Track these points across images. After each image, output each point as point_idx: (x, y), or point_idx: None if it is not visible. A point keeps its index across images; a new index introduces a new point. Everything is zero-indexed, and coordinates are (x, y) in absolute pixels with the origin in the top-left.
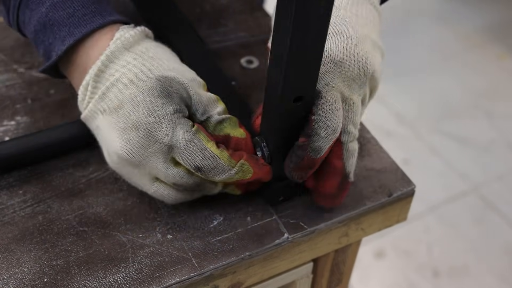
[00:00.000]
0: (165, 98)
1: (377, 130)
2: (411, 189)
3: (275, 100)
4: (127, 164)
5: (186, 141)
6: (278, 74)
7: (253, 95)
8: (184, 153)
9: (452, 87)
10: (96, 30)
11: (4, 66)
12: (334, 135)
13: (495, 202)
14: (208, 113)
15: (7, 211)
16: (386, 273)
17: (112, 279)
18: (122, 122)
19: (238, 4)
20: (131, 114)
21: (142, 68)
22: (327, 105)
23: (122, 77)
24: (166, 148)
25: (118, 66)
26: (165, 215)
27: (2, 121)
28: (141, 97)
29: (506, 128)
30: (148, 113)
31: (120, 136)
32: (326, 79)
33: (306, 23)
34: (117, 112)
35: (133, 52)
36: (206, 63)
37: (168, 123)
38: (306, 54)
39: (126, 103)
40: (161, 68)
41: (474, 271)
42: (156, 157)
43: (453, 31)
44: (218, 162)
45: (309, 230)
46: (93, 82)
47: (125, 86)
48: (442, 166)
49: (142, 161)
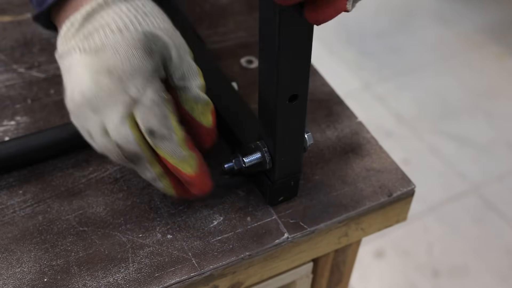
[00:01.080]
0: (147, 54)
1: (377, 130)
2: (411, 189)
3: (270, 101)
4: (87, 107)
5: (152, 102)
6: (270, 74)
7: (253, 95)
8: (145, 111)
9: (452, 87)
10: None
11: (4, 66)
12: None
13: (495, 202)
14: (186, 82)
15: (7, 211)
16: (386, 273)
17: (112, 279)
18: (98, 65)
19: (238, 4)
20: (110, 59)
21: (133, 20)
22: None
23: (111, 23)
24: (130, 101)
25: (111, 11)
26: (165, 215)
27: (2, 121)
28: (125, 46)
29: (506, 128)
30: (126, 62)
31: (91, 77)
32: None
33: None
34: (97, 54)
35: (130, 3)
36: (206, 63)
37: (142, 78)
38: (296, 51)
39: (108, 48)
40: (151, 25)
41: (474, 271)
42: (117, 107)
43: (453, 31)
44: (172, 135)
45: (309, 230)
46: (81, 20)
47: (112, 32)
48: (442, 166)
49: (102, 107)
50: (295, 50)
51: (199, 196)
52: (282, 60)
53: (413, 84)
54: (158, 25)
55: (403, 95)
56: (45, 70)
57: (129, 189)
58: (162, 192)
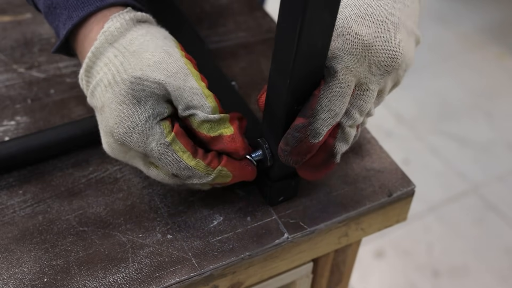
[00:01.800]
0: (136, 105)
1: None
2: (411, 189)
3: (278, 106)
4: (117, 156)
5: (159, 154)
6: (282, 83)
7: (253, 95)
8: (159, 162)
9: (452, 87)
10: (93, 14)
11: (4, 66)
12: (334, 120)
13: (495, 202)
14: (192, 110)
15: (7, 211)
16: (386, 273)
17: (112, 279)
18: (104, 125)
19: (238, 4)
20: (109, 120)
21: (119, 68)
22: (338, 88)
23: (103, 77)
24: (142, 155)
25: (102, 63)
26: (165, 215)
27: (2, 121)
28: (115, 104)
29: (506, 128)
30: (120, 123)
31: (103, 136)
32: (347, 61)
33: (311, 35)
34: (101, 114)
35: (116, 47)
36: (206, 63)
37: (138, 134)
38: (310, 64)
39: (106, 108)
40: (138, 66)
41: (474, 271)
42: (136, 159)
43: (453, 31)
44: (194, 172)
45: (309, 230)
46: (85, 77)
47: (105, 88)
48: (442, 166)
49: (124, 159)
50: (309, 61)
51: None
52: (295, 70)
53: (413, 84)
54: (147, 62)
55: (403, 95)
56: (45, 70)
57: (129, 189)
58: (162, 192)
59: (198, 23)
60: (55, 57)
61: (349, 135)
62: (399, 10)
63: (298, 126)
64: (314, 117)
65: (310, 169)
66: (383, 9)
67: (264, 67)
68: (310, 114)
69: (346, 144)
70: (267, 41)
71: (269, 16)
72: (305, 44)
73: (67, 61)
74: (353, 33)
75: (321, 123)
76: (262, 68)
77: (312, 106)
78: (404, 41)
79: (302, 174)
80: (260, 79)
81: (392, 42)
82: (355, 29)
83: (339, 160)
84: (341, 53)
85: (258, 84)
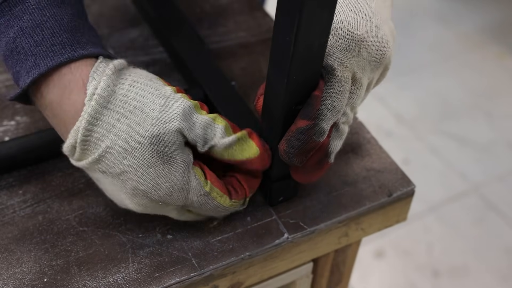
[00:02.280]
0: (167, 164)
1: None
2: (411, 189)
3: (276, 107)
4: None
5: (200, 204)
6: (280, 83)
7: (253, 95)
8: (199, 211)
9: (452, 87)
10: (64, 65)
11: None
12: (337, 117)
13: (495, 202)
14: (210, 142)
15: (7, 211)
16: (386, 273)
17: (112, 279)
18: (131, 189)
19: (238, 4)
20: (139, 184)
21: (130, 132)
22: (339, 85)
23: (113, 144)
24: (180, 206)
25: (103, 130)
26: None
27: (2, 121)
28: (143, 168)
29: (506, 128)
30: (156, 187)
31: (131, 199)
32: (342, 57)
33: (308, 34)
34: (121, 179)
35: (113, 109)
36: (206, 63)
37: (179, 192)
38: (308, 63)
39: (129, 173)
40: (148, 124)
41: (474, 271)
42: (173, 211)
43: (453, 31)
44: (230, 210)
45: (309, 230)
46: (81, 146)
47: (121, 155)
48: (442, 166)
49: (157, 212)
50: (307, 61)
51: None
52: (293, 70)
53: (413, 84)
54: (154, 116)
55: (403, 95)
56: None
57: None
58: None
59: (198, 23)
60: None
61: (343, 132)
62: (381, 8)
63: (303, 128)
64: (319, 118)
65: (304, 172)
66: (369, 6)
67: (264, 67)
68: (314, 116)
69: (340, 141)
70: (267, 41)
71: (269, 16)
72: (302, 44)
73: None
74: (344, 29)
75: (325, 122)
76: (262, 68)
77: (316, 107)
78: (389, 38)
79: (296, 177)
80: (260, 79)
81: (380, 37)
82: (347, 24)
83: (333, 160)
84: (335, 50)
85: (258, 84)
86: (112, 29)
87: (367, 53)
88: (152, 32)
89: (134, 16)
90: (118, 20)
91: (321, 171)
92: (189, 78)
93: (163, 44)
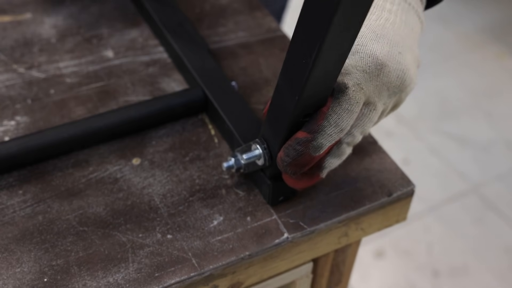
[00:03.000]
0: None
1: (377, 130)
2: (410, 189)
3: (283, 118)
4: None
5: None
6: (290, 98)
7: (253, 95)
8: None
9: (452, 87)
10: None
11: (4, 66)
12: (339, 135)
13: (495, 202)
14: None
15: (7, 211)
16: (386, 273)
17: (112, 279)
18: None
19: (238, 4)
20: None
21: None
22: (348, 104)
23: None
24: None
25: None
26: (165, 215)
27: (2, 121)
28: None
29: (506, 128)
30: None
31: None
32: (359, 78)
33: (328, 59)
34: None
35: None
36: (206, 63)
37: None
38: (322, 83)
39: None
40: None
41: (474, 271)
42: None
43: (453, 31)
44: None
45: (309, 230)
46: None
47: None
48: (441, 166)
49: None
50: (321, 82)
51: None
52: (306, 90)
53: None
54: None
55: None
56: (45, 70)
57: (129, 189)
58: (162, 192)
59: (198, 23)
60: (55, 57)
61: (344, 152)
62: (408, 35)
63: (300, 140)
64: (319, 133)
65: (293, 177)
66: (396, 32)
67: (264, 67)
68: (315, 130)
69: (339, 161)
70: (267, 41)
71: (269, 16)
72: (319, 69)
73: (67, 61)
74: (367, 51)
75: (325, 138)
76: (262, 68)
77: (318, 122)
78: (411, 66)
79: (285, 179)
80: (260, 79)
81: (402, 65)
82: (370, 48)
83: (324, 175)
84: (354, 70)
85: (258, 84)
86: (112, 29)
87: (387, 78)
88: (152, 32)
89: (134, 16)
90: (118, 20)
91: (309, 182)
92: (189, 78)
93: (163, 44)
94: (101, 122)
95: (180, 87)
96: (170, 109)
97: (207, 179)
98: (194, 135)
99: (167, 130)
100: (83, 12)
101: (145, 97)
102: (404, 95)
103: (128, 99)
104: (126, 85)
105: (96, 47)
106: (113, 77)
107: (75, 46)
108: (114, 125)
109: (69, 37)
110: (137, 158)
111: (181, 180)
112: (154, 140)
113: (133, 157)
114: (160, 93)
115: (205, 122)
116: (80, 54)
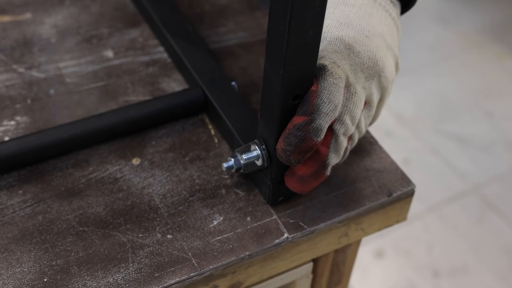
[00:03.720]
0: None
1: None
2: (411, 189)
3: (273, 100)
4: None
5: None
6: (276, 75)
7: (253, 95)
8: None
9: (452, 87)
10: None
11: (4, 66)
12: (334, 113)
13: (495, 202)
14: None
15: (7, 211)
16: (386, 273)
17: (112, 279)
18: None
19: (238, 4)
20: None
21: None
22: (333, 78)
23: None
24: None
25: None
26: (165, 215)
27: (2, 121)
28: None
29: (506, 128)
30: None
31: None
32: (333, 57)
33: (302, 20)
34: None
35: None
36: (206, 63)
37: None
38: (303, 54)
39: None
40: None
41: (474, 271)
42: None
43: (453, 31)
44: None
45: (309, 230)
46: None
47: None
48: (442, 166)
49: None
50: (301, 51)
51: None
52: (288, 60)
53: (413, 84)
54: None
55: (403, 95)
56: (45, 70)
57: (129, 189)
58: (161, 192)
59: (198, 23)
60: (55, 57)
61: (342, 145)
62: (377, 25)
63: (300, 124)
64: (315, 113)
65: (299, 180)
66: (361, 21)
67: None
68: (310, 111)
69: (338, 156)
70: None
71: None
72: (296, 31)
73: (67, 61)
74: (334, 35)
75: (322, 118)
76: (262, 68)
77: (312, 102)
78: (383, 51)
79: (290, 185)
80: (260, 79)
81: (370, 47)
82: (336, 33)
83: (329, 173)
84: (326, 52)
85: (258, 84)
86: (112, 29)
87: (359, 59)
88: (152, 32)
89: (134, 16)
90: (118, 20)
91: (315, 182)
92: (189, 78)
93: (163, 44)
94: (101, 122)
95: (180, 87)
96: (170, 109)
97: (207, 179)
98: (194, 135)
99: (167, 130)
100: (83, 12)
101: (145, 97)
102: (385, 83)
103: (128, 99)
104: (126, 85)
105: (96, 47)
106: (113, 77)
107: (75, 46)
108: (114, 125)
109: (69, 37)
110: (137, 158)
111: (181, 180)
112: (154, 140)
113: (133, 157)
114: (160, 93)
115: (205, 122)
116: (80, 54)
